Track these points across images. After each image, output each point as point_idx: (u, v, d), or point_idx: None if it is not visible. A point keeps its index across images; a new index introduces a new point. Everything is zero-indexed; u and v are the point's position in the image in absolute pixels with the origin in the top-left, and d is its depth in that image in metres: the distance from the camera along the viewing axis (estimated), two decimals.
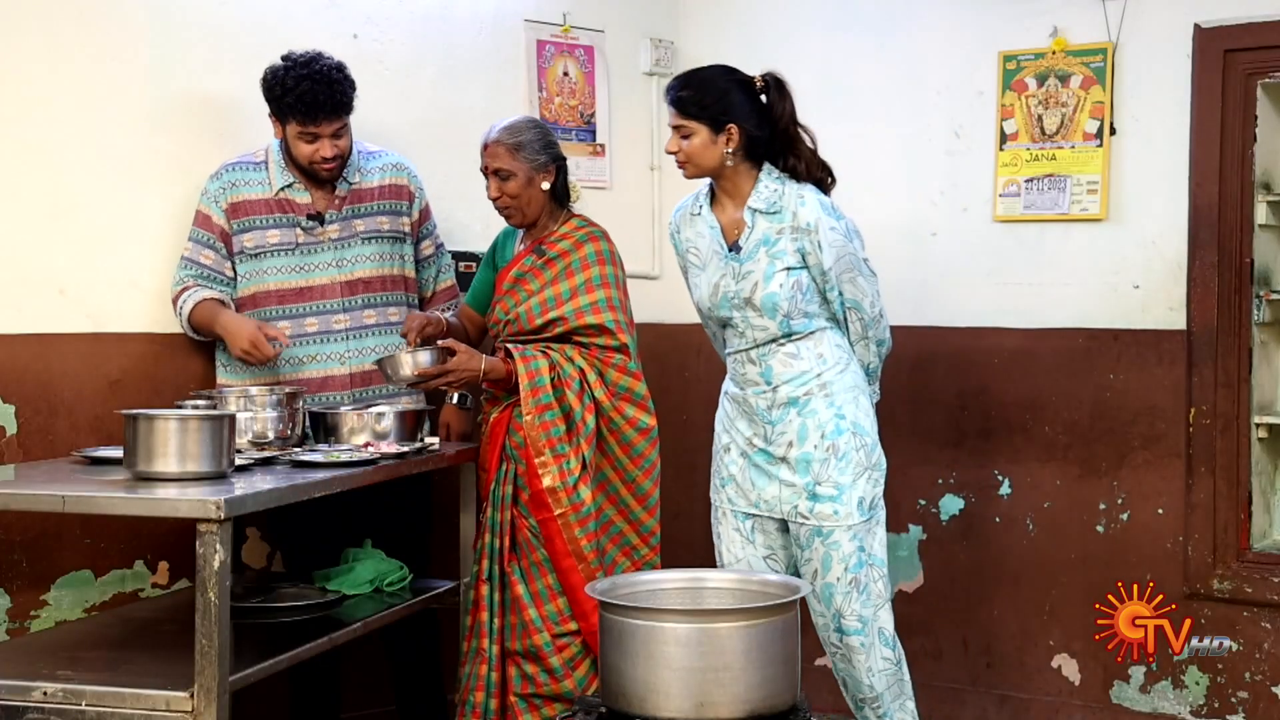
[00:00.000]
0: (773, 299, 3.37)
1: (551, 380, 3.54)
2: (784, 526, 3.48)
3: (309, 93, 3.56)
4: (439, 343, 3.56)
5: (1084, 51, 4.18)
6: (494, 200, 3.65)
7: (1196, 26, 4.02)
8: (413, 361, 3.49)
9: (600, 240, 3.69)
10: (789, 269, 3.37)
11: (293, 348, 3.69)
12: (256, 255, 3.72)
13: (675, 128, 3.42)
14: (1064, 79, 4.21)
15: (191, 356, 3.78)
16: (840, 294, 3.40)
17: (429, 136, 4.21)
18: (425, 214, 3.97)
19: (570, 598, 3.53)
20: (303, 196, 3.75)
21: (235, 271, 3.74)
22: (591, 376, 3.58)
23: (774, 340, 3.42)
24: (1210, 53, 4.00)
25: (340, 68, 3.64)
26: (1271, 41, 3.94)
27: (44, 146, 3.59)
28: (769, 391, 3.43)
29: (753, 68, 3.49)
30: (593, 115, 4.67)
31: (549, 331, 3.62)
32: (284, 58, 3.62)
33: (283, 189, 3.74)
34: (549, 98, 4.56)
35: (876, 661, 3.41)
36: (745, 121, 3.38)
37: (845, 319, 3.45)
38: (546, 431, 3.53)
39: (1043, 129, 4.25)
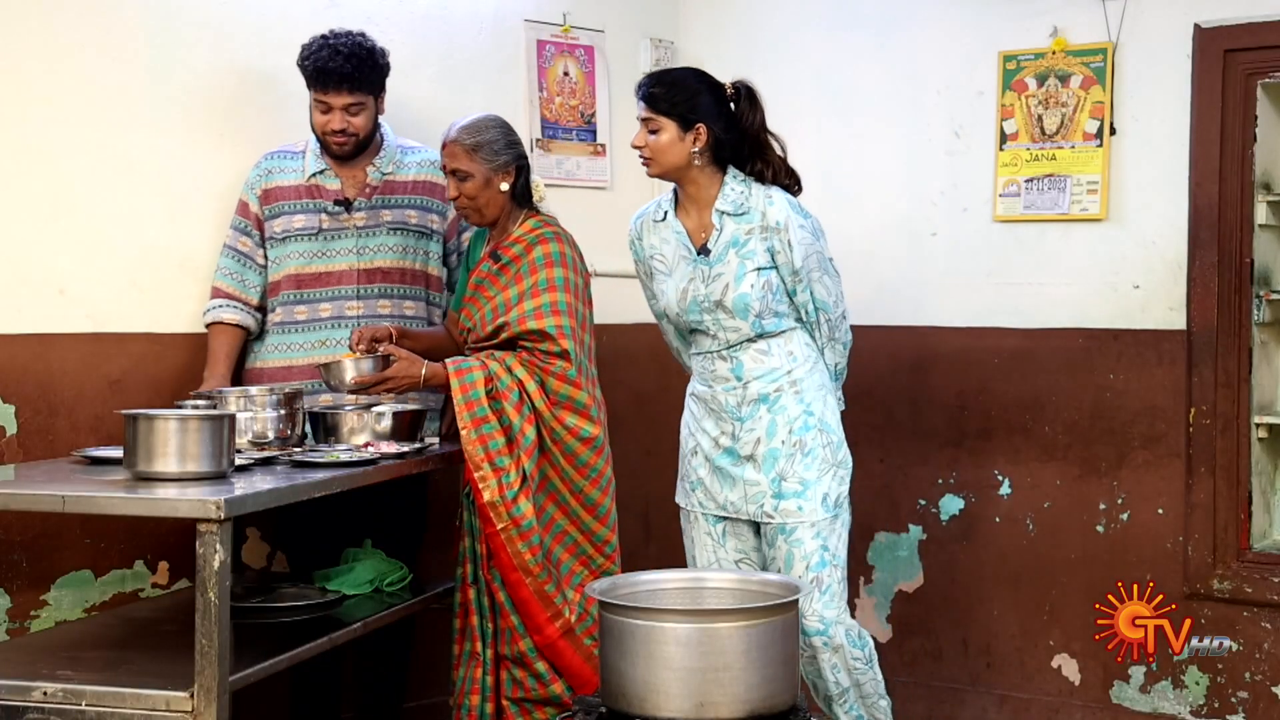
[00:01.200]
0: (744, 300, 3.39)
1: (488, 391, 3.43)
2: (757, 528, 3.49)
3: (323, 60, 3.62)
4: (380, 349, 3.52)
5: (1084, 51, 4.18)
6: (453, 200, 3.62)
7: (1196, 26, 4.02)
8: (355, 369, 3.47)
9: (551, 242, 3.57)
10: (759, 269, 3.39)
11: (306, 332, 3.74)
12: (283, 240, 3.76)
13: (644, 121, 3.43)
14: (1064, 79, 4.20)
15: (192, 356, 3.78)
16: (811, 294, 3.42)
17: (429, 137, 4.20)
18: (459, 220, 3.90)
19: (521, 611, 3.46)
20: (333, 183, 3.78)
21: (267, 258, 3.78)
22: (531, 386, 3.46)
23: (746, 339, 3.44)
24: (1210, 53, 4.00)
25: (371, 48, 3.68)
26: (1271, 41, 3.94)
27: (44, 146, 3.59)
28: (739, 388, 3.45)
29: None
30: (593, 115, 4.67)
31: (497, 338, 3.55)
32: (326, 32, 3.68)
33: (314, 175, 3.77)
34: (549, 98, 4.56)
35: (845, 659, 3.41)
36: (714, 124, 3.40)
37: (817, 321, 3.47)
38: (484, 445, 3.42)
39: (1043, 129, 4.24)
